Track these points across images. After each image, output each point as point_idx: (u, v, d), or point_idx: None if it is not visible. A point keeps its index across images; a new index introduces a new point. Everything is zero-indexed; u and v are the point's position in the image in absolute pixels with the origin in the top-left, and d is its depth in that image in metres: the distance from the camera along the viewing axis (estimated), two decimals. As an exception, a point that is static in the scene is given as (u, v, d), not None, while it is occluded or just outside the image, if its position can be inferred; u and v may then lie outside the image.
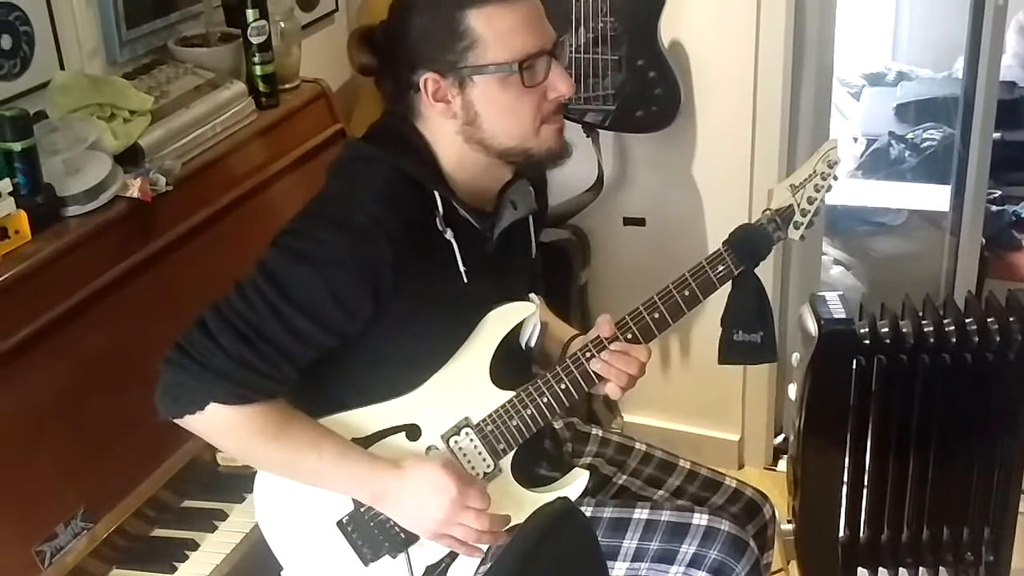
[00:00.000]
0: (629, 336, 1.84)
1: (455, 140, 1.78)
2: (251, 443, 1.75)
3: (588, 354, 1.84)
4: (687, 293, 1.83)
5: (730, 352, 1.93)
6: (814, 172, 1.86)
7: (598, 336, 1.84)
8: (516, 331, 1.87)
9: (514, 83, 1.73)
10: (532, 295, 1.91)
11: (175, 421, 1.73)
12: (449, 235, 1.77)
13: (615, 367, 1.83)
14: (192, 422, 1.72)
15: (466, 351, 1.81)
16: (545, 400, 1.83)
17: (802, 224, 1.86)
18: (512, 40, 1.71)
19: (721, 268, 1.84)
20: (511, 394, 1.84)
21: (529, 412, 1.83)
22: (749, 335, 1.91)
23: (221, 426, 1.73)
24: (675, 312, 1.84)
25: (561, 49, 1.78)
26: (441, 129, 1.78)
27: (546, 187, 2.02)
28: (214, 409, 1.69)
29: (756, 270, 1.87)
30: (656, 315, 1.84)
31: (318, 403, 1.81)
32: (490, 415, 1.83)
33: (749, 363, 1.99)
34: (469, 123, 1.75)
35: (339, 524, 1.84)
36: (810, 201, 1.86)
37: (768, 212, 1.87)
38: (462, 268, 1.79)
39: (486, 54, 1.71)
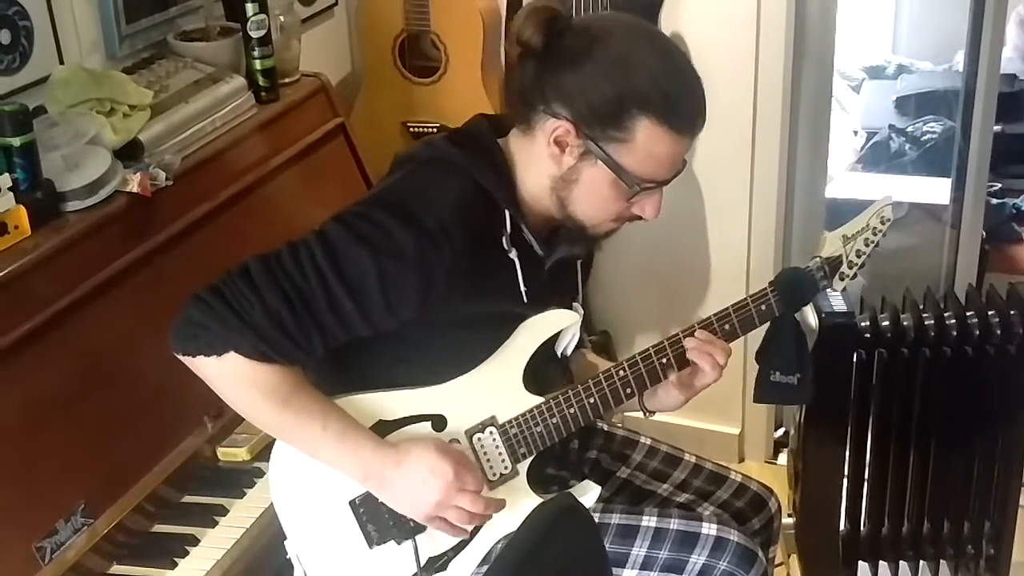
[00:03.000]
0: (664, 361, 1.84)
1: (542, 179, 1.77)
2: (257, 401, 1.72)
3: (632, 368, 1.83)
4: (727, 327, 1.84)
5: (766, 392, 1.95)
6: (867, 226, 1.87)
7: (647, 351, 1.84)
8: (554, 339, 1.87)
9: (623, 189, 1.74)
10: (576, 304, 1.91)
11: (183, 358, 1.70)
12: (513, 255, 1.77)
13: (706, 350, 1.83)
14: (204, 364, 1.69)
15: (503, 352, 1.81)
16: (572, 411, 1.83)
17: (847, 276, 1.88)
18: (655, 165, 1.72)
19: (764, 308, 1.85)
20: (540, 400, 1.84)
21: (555, 421, 1.83)
22: (786, 377, 1.92)
23: (233, 377, 1.70)
24: None
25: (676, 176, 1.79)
26: (537, 162, 1.76)
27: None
28: (232, 358, 1.67)
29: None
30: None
31: (345, 380, 1.81)
32: (516, 418, 1.83)
33: (784, 403, 2.00)
34: (564, 180, 1.75)
35: (351, 503, 1.83)
36: (858, 254, 1.87)
37: (818, 260, 1.87)
38: (523, 288, 1.79)
39: (626, 157, 1.71)
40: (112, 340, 2.08)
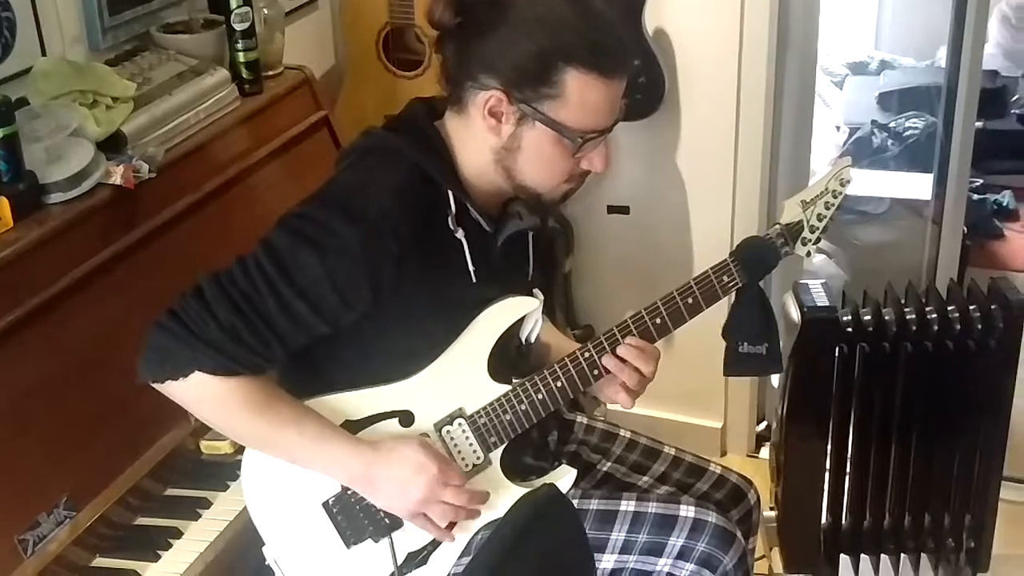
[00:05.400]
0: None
1: (484, 154, 1.77)
2: (231, 415, 1.74)
3: (597, 349, 1.83)
4: (691, 301, 1.83)
5: (736, 364, 1.94)
6: (826, 190, 1.86)
7: (611, 330, 1.84)
8: (517, 326, 1.87)
9: (566, 145, 1.74)
10: (536, 291, 1.91)
11: (154, 385, 1.72)
12: (460, 235, 1.77)
13: (629, 365, 1.83)
14: (173, 388, 1.71)
15: (465, 342, 1.81)
16: (540, 397, 1.83)
17: (810, 240, 1.87)
18: (592, 115, 1.72)
19: (727, 279, 1.84)
20: (507, 388, 1.84)
21: (523, 408, 1.84)
22: (754, 347, 1.91)
23: (203, 395, 1.72)
24: (677, 319, 1.84)
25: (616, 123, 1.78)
26: (476, 138, 1.76)
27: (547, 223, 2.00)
28: (198, 378, 1.69)
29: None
30: (658, 320, 1.84)
31: (310, 383, 1.81)
32: (484, 407, 1.83)
33: (755, 375, 1.99)
34: (507, 150, 1.75)
35: (324, 505, 1.84)
36: (819, 218, 1.86)
37: (778, 227, 1.86)
38: (471, 268, 1.79)
39: (561, 112, 1.70)
40: (95, 333, 2.07)
